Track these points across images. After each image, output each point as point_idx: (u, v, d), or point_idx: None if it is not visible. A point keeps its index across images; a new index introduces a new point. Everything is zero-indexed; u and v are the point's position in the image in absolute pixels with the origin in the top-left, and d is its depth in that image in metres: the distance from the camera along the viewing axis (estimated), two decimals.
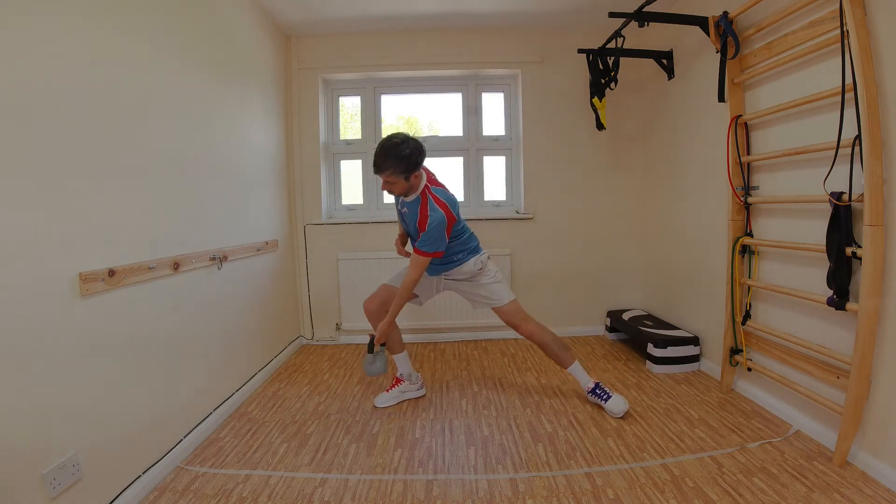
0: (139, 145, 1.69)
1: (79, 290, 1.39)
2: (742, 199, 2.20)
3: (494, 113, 3.53)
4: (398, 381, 2.37)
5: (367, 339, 3.38)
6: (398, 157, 1.92)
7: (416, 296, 2.32)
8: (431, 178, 2.15)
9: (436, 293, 2.37)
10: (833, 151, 1.66)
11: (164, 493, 1.65)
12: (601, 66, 2.92)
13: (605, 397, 2.16)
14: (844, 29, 1.57)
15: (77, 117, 1.41)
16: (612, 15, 2.43)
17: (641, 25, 2.44)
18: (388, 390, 2.36)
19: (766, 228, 2.14)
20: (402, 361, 2.36)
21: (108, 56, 1.55)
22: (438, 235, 2.01)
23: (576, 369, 2.24)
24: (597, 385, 2.21)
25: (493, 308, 2.26)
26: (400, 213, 2.23)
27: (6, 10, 1.19)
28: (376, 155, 1.96)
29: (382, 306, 2.26)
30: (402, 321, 3.33)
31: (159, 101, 1.82)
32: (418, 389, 2.42)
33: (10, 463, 1.18)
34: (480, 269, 2.23)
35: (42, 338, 1.28)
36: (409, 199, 2.09)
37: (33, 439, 1.24)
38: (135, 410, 1.63)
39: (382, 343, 2.17)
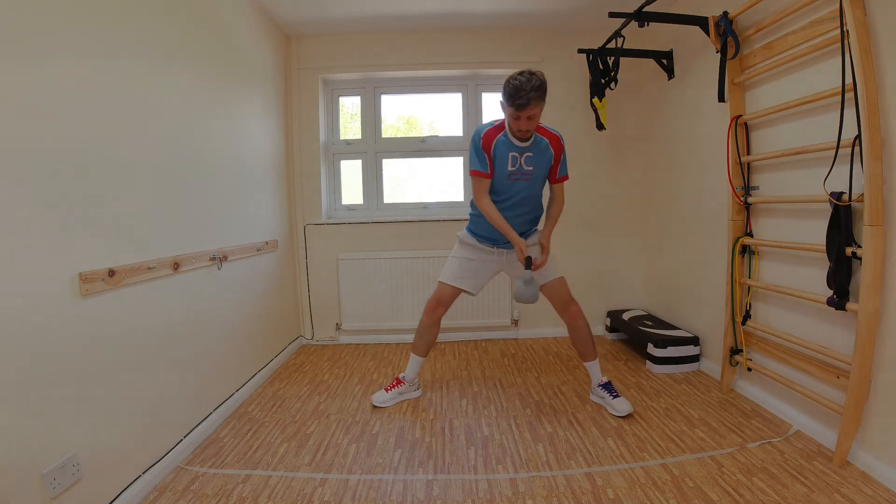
0: (139, 145, 1.69)
1: (79, 290, 1.39)
2: (742, 199, 2.20)
3: (494, 113, 3.53)
4: (399, 382, 2.37)
5: (367, 340, 3.39)
6: (538, 86, 1.88)
7: (466, 290, 2.26)
8: None
9: (492, 275, 2.32)
10: (833, 151, 1.66)
11: (164, 493, 1.65)
12: (601, 66, 2.92)
13: (614, 394, 2.18)
14: (844, 29, 1.57)
15: (76, 117, 1.41)
16: (612, 15, 2.43)
17: (641, 25, 2.44)
18: (386, 390, 2.35)
19: (766, 228, 2.14)
20: (414, 365, 2.35)
21: (107, 55, 1.55)
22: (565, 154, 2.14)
23: (594, 365, 2.25)
24: (609, 381, 2.24)
25: (544, 285, 2.20)
26: (513, 177, 2.07)
27: (7, 14, 1.20)
28: (518, 90, 1.86)
29: (445, 309, 2.30)
30: (403, 322, 3.36)
31: (159, 100, 1.82)
32: (415, 391, 2.42)
33: (10, 463, 1.18)
34: (539, 235, 2.23)
35: (42, 338, 1.28)
36: (527, 143, 2.04)
37: (33, 439, 1.24)
38: (135, 410, 1.63)
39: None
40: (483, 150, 2.05)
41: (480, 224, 2.21)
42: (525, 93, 1.86)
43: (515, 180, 2.09)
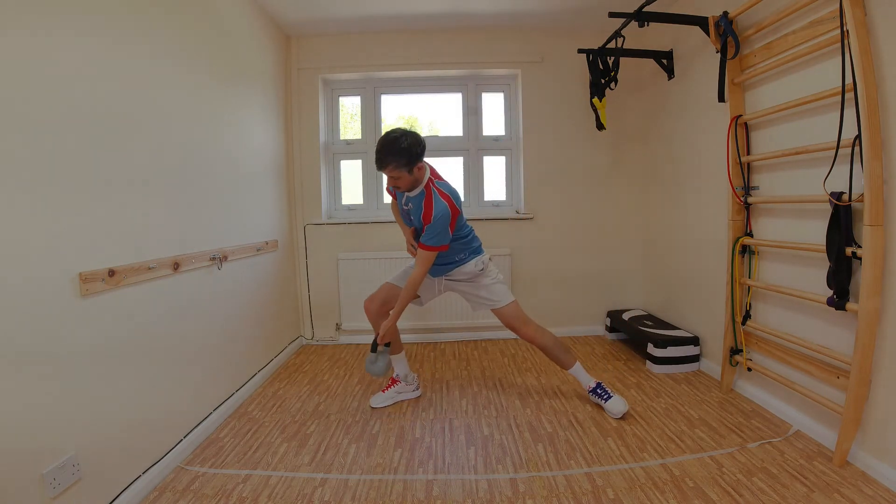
0: (139, 145, 1.69)
1: (79, 290, 1.39)
2: (742, 199, 2.20)
3: (494, 113, 3.53)
4: (394, 381, 2.37)
5: (367, 340, 3.39)
6: (398, 151, 1.92)
7: (418, 296, 2.31)
8: (435, 173, 2.15)
9: (437, 294, 2.36)
10: (833, 151, 1.66)
11: (164, 493, 1.65)
12: (601, 66, 2.92)
13: (605, 397, 2.16)
14: (844, 29, 1.57)
15: (76, 117, 1.41)
16: (612, 15, 2.43)
17: (641, 25, 2.44)
18: (383, 391, 2.35)
19: (766, 228, 2.14)
20: (399, 362, 2.36)
21: (107, 56, 1.55)
22: (442, 228, 2.00)
23: (577, 370, 2.24)
24: (598, 385, 2.21)
25: (492, 310, 2.25)
26: (404, 213, 2.22)
27: (7, 14, 1.20)
28: (377, 152, 1.96)
29: (384, 306, 2.26)
30: (402, 321, 3.34)
31: (159, 101, 1.82)
32: (414, 390, 2.42)
33: (10, 463, 1.18)
34: (482, 269, 2.22)
35: (42, 338, 1.28)
36: (413, 193, 2.08)
37: (33, 439, 1.24)
38: (135, 410, 1.63)
39: (386, 343, 2.16)
40: None
41: None
42: (381, 155, 1.94)
43: (406, 220, 2.23)
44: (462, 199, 3.50)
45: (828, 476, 1.62)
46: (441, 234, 2.01)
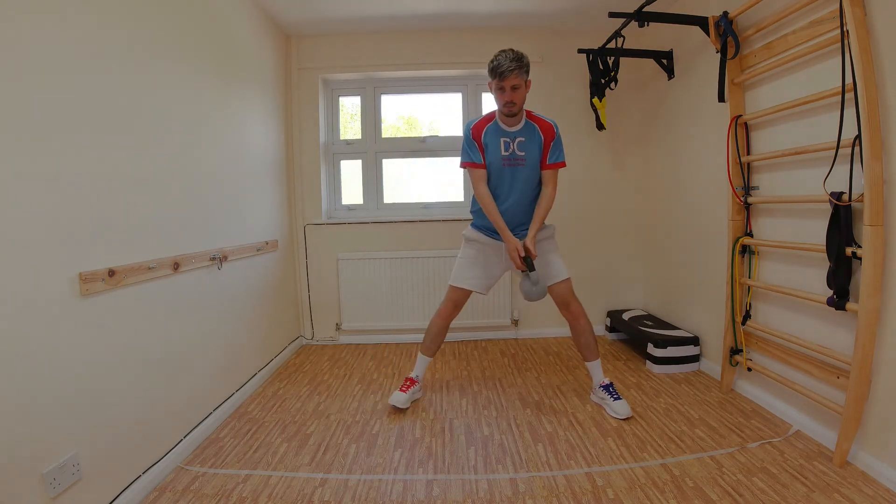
0: (138, 145, 1.69)
1: (79, 290, 1.39)
2: (742, 199, 2.20)
3: None
4: (413, 381, 2.33)
5: (367, 340, 3.39)
6: (521, 57, 1.99)
7: (478, 291, 2.31)
8: None
9: (500, 274, 2.34)
10: (833, 151, 1.66)
11: (164, 493, 1.65)
12: (601, 66, 2.92)
13: (615, 396, 2.17)
14: (844, 29, 1.57)
15: (76, 117, 1.41)
16: (612, 15, 2.43)
17: (641, 25, 2.44)
18: (402, 390, 2.29)
19: (766, 228, 2.14)
20: (423, 365, 2.36)
21: (107, 55, 1.55)
22: (561, 140, 2.16)
23: (597, 365, 2.25)
24: (611, 384, 2.22)
25: (552, 285, 2.21)
26: (508, 161, 2.13)
27: (6, 9, 1.20)
28: (500, 63, 1.98)
29: (455, 312, 2.32)
30: (404, 321, 3.36)
31: (158, 101, 1.82)
32: (419, 390, 2.42)
33: (10, 463, 1.18)
34: (553, 233, 2.29)
35: (42, 338, 1.28)
36: (519, 126, 2.13)
37: (33, 439, 1.24)
38: (135, 410, 1.63)
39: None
40: (474, 141, 2.16)
41: (484, 216, 2.24)
42: (506, 62, 1.97)
43: (510, 166, 2.16)
44: (459, 202, 3.53)
45: (828, 476, 1.62)
46: (562, 146, 2.16)
